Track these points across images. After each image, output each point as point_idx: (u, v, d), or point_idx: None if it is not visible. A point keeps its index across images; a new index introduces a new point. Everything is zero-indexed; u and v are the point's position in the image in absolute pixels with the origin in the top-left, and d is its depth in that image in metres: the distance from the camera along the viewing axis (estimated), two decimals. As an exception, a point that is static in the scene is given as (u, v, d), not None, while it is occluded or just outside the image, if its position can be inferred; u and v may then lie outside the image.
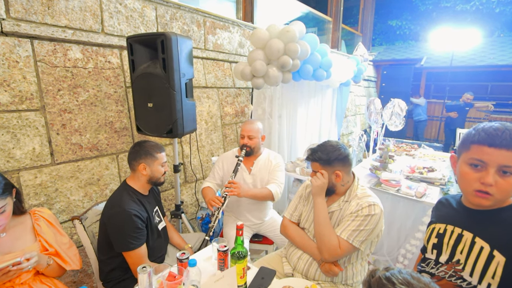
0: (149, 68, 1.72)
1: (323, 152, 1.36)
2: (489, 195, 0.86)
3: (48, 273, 1.23)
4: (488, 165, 0.86)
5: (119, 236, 1.37)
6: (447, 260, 0.98)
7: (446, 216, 1.04)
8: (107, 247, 1.42)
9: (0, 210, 1.08)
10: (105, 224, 1.40)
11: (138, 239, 1.39)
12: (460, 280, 0.93)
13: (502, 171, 0.84)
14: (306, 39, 2.60)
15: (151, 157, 1.52)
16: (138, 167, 1.51)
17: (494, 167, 0.85)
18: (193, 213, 2.71)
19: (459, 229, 0.96)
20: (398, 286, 0.64)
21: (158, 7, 2.32)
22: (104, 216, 1.43)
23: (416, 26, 10.80)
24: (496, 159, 0.84)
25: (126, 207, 1.38)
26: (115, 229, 1.38)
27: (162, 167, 1.58)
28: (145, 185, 1.57)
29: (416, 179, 2.64)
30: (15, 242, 1.16)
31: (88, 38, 1.89)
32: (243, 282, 1.13)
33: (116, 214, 1.38)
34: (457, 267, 0.94)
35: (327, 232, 1.30)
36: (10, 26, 1.57)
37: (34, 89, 1.70)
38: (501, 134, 0.84)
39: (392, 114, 3.56)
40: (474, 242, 0.90)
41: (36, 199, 1.72)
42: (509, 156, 0.83)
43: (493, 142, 0.84)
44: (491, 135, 0.85)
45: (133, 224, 1.38)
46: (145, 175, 1.53)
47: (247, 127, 1.96)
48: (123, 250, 1.38)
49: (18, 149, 1.64)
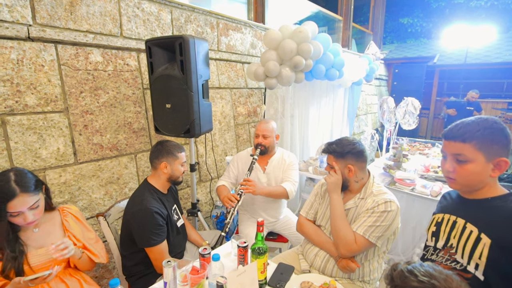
0: (167, 70, 1.77)
1: (338, 145, 1.40)
2: (453, 179, 1.02)
3: (80, 266, 1.29)
4: (447, 155, 1.03)
5: (142, 233, 1.42)
6: (443, 245, 1.08)
7: (446, 207, 1.15)
8: (130, 243, 1.48)
9: (34, 205, 1.15)
10: (128, 221, 1.46)
11: (159, 236, 1.44)
12: (454, 262, 1.02)
13: (457, 160, 0.99)
14: (318, 39, 2.61)
15: (172, 156, 1.58)
16: (159, 165, 1.56)
17: (450, 156, 1.02)
18: (208, 211, 2.76)
19: (454, 217, 1.06)
20: (420, 278, 0.65)
21: (173, 10, 2.37)
22: (128, 213, 1.49)
23: (428, 23, 10.61)
24: (450, 149, 1.01)
25: (148, 205, 1.44)
26: (137, 226, 1.43)
27: (181, 166, 1.64)
28: (164, 184, 1.62)
29: (431, 178, 2.62)
30: (47, 238, 1.22)
31: (108, 42, 1.96)
32: (263, 277, 1.16)
33: (138, 212, 1.43)
34: (451, 251, 1.04)
35: (343, 227, 1.32)
36: (36, 32, 1.65)
37: (58, 91, 1.77)
38: (454, 128, 1.01)
39: (405, 112, 3.53)
40: (465, 227, 1.00)
41: (60, 197, 1.79)
42: (458, 146, 0.98)
43: (447, 135, 1.02)
44: (448, 130, 1.02)
45: (155, 221, 1.43)
46: (166, 173, 1.58)
47: (261, 127, 1.99)
48: (145, 246, 1.43)
49: (44, 149, 1.72)
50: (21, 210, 1.11)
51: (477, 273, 0.94)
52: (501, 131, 0.94)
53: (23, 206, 1.11)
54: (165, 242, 1.48)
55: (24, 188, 1.11)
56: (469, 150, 0.96)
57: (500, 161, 0.94)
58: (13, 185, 1.10)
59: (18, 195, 1.10)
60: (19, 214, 1.11)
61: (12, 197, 1.09)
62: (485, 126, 0.94)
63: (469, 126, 0.97)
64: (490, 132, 0.94)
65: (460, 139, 0.98)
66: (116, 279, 0.91)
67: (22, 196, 1.11)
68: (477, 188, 1.01)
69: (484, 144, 0.94)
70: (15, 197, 1.09)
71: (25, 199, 1.11)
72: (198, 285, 1.05)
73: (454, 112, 5.51)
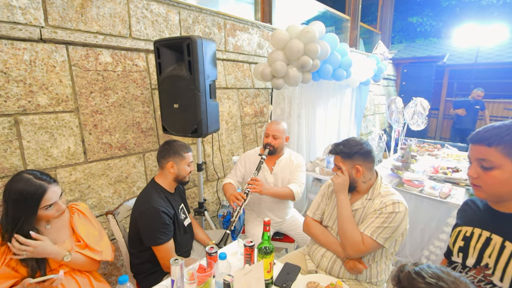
0: (175, 71, 1.79)
1: (345, 145, 1.39)
2: (478, 187, 0.94)
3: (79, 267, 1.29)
4: (472, 160, 0.96)
5: (149, 232, 1.44)
6: (475, 264, 0.97)
7: (473, 219, 1.04)
8: (138, 242, 1.50)
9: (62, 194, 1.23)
10: (136, 220, 1.48)
11: (166, 235, 1.45)
12: (490, 285, 0.92)
13: (481, 166, 0.92)
14: (326, 39, 2.60)
15: (179, 156, 1.59)
16: (166, 165, 1.58)
17: (475, 161, 0.94)
18: (214, 211, 2.78)
19: (487, 233, 0.96)
20: (428, 279, 0.65)
21: (181, 11, 2.40)
22: (135, 212, 1.51)
23: (438, 22, 10.46)
24: (474, 154, 0.94)
25: (155, 204, 1.46)
26: (145, 224, 1.45)
27: (188, 166, 1.64)
28: (171, 183, 1.63)
29: (440, 179, 2.59)
30: (58, 234, 1.25)
31: (117, 43, 1.99)
32: (270, 277, 1.16)
33: (146, 211, 1.45)
34: (486, 271, 0.93)
35: (350, 228, 1.31)
36: (48, 33, 1.69)
37: (69, 91, 1.81)
38: (481, 130, 0.93)
39: (414, 113, 3.49)
40: (504, 246, 0.89)
41: (71, 195, 1.83)
42: (483, 150, 0.90)
43: (472, 139, 0.95)
44: (475, 133, 0.95)
45: (161, 220, 1.44)
46: (172, 173, 1.59)
47: (272, 127, 2.00)
48: (152, 245, 1.45)
49: (55, 148, 1.76)
50: (56, 200, 1.18)
51: None
52: None
53: (56, 195, 1.19)
54: (172, 241, 1.49)
55: (48, 181, 1.19)
56: (494, 155, 0.88)
57: None
58: (38, 181, 1.15)
59: (48, 188, 1.16)
60: (53, 205, 1.18)
61: (45, 191, 1.15)
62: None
63: (498, 129, 0.89)
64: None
65: (485, 142, 0.89)
66: (125, 276, 0.93)
67: (51, 187, 1.18)
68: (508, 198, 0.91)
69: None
70: (47, 190, 1.16)
71: (55, 189, 1.19)
72: (205, 284, 1.06)
73: (463, 112, 5.31)
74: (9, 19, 1.56)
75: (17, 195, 1.12)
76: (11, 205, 1.13)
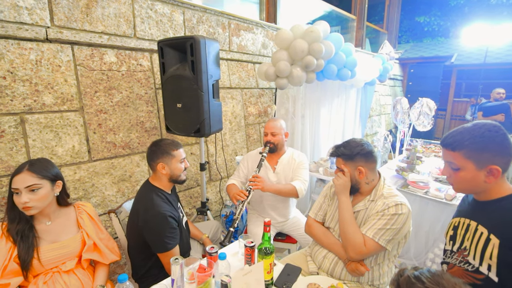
0: (178, 70, 1.80)
1: (346, 147, 1.37)
2: (452, 184, 1.08)
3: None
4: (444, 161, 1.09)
5: (158, 238, 1.37)
6: (458, 248, 1.09)
7: (462, 210, 1.16)
8: (143, 248, 1.45)
9: (32, 188, 1.15)
10: (141, 228, 1.40)
11: (174, 239, 1.41)
12: (466, 264, 1.03)
13: (451, 167, 1.04)
14: (330, 38, 2.58)
15: (167, 156, 1.49)
16: (157, 167, 1.48)
17: (446, 163, 1.08)
18: (217, 210, 2.78)
19: (468, 220, 1.07)
20: (427, 284, 0.64)
21: (185, 11, 2.40)
22: (140, 220, 1.41)
23: (446, 22, 10.31)
24: (444, 156, 1.07)
25: (161, 209, 1.39)
26: (152, 231, 1.38)
27: (181, 163, 1.54)
28: (167, 184, 1.55)
29: (446, 181, 2.54)
30: (60, 232, 1.26)
31: (122, 43, 2.01)
32: (270, 277, 1.16)
33: (152, 218, 1.38)
34: (464, 252, 1.04)
35: (351, 230, 1.30)
36: (54, 34, 1.71)
37: (74, 91, 1.83)
38: (447, 135, 1.04)
39: (420, 113, 3.44)
40: (476, 229, 1.01)
41: (75, 193, 1.85)
42: (449, 154, 1.03)
43: (441, 142, 1.07)
44: (443, 137, 1.06)
45: (169, 225, 1.39)
46: (165, 174, 1.50)
47: (270, 125, 2.00)
48: (161, 251, 1.40)
49: (60, 147, 1.78)
50: (19, 188, 1.13)
51: (490, 275, 0.94)
52: (493, 139, 0.94)
53: (21, 183, 1.14)
54: (178, 245, 1.45)
55: (31, 168, 1.17)
56: (458, 158, 1.00)
57: (492, 169, 0.95)
58: (25, 164, 1.17)
59: (22, 172, 1.15)
60: (18, 193, 1.14)
61: (17, 173, 1.15)
62: (475, 135, 0.96)
63: (460, 134, 1.00)
64: (481, 141, 0.95)
65: (450, 147, 1.02)
66: (124, 275, 0.93)
67: (24, 174, 1.15)
68: (480, 191, 1.03)
69: (473, 153, 0.97)
70: (19, 173, 1.15)
71: (25, 177, 1.15)
72: (205, 283, 1.06)
73: (503, 117, 4.50)
74: (16, 20, 1.58)
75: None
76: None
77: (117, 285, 0.92)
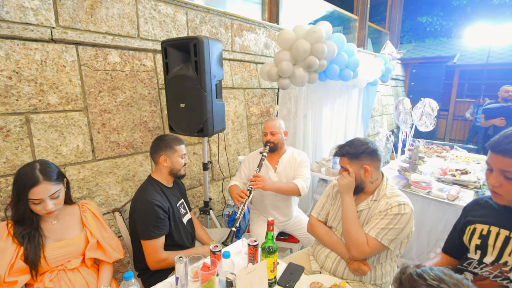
0: (182, 71, 1.81)
1: (351, 146, 1.38)
2: (499, 194, 0.95)
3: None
4: (493, 168, 0.95)
5: (143, 225, 1.44)
6: (493, 261, 0.98)
7: (488, 217, 1.04)
8: (137, 238, 1.50)
9: (55, 195, 1.20)
10: (132, 214, 1.49)
11: (159, 229, 1.45)
12: (506, 280, 0.94)
13: (505, 176, 0.92)
14: (332, 39, 2.59)
15: (170, 149, 1.59)
16: (159, 159, 1.59)
17: (497, 171, 0.94)
18: (220, 210, 2.79)
19: (506, 232, 0.97)
20: (430, 281, 0.64)
21: (188, 12, 2.42)
22: (132, 208, 1.52)
23: (449, 22, 10.29)
24: (497, 164, 0.93)
25: (149, 197, 1.47)
26: (139, 218, 1.45)
27: (181, 159, 1.64)
28: (167, 177, 1.64)
29: (448, 181, 2.55)
30: (65, 231, 1.28)
31: (125, 43, 2.02)
32: (273, 276, 1.17)
33: (141, 204, 1.46)
34: (504, 268, 0.95)
35: (354, 229, 1.31)
36: (58, 34, 1.72)
37: (79, 91, 1.84)
38: (503, 140, 0.91)
39: (422, 114, 3.44)
40: None
41: (79, 192, 1.86)
42: (506, 161, 0.90)
43: (494, 148, 0.93)
44: (495, 142, 0.93)
45: (155, 214, 1.44)
46: (166, 166, 1.60)
47: (269, 124, 2.01)
48: (145, 239, 1.44)
49: (64, 146, 1.79)
50: (43, 198, 1.16)
51: None
52: None
53: (44, 193, 1.17)
54: (163, 238, 1.48)
55: (47, 177, 1.18)
56: None
57: None
58: (37, 173, 1.16)
59: (41, 183, 1.16)
60: (41, 202, 1.17)
61: (35, 184, 1.15)
62: None
63: None
64: None
65: (509, 154, 0.89)
66: (130, 272, 0.94)
67: (44, 184, 1.17)
68: None
69: None
70: (38, 184, 1.15)
71: (47, 187, 1.17)
72: (208, 282, 1.07)
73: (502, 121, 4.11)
74: (22, 20, 1.60)
75: (16, 176, 1.17)
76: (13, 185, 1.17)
77: (123, 282, 0.93)
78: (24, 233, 1.17)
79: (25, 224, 1.18)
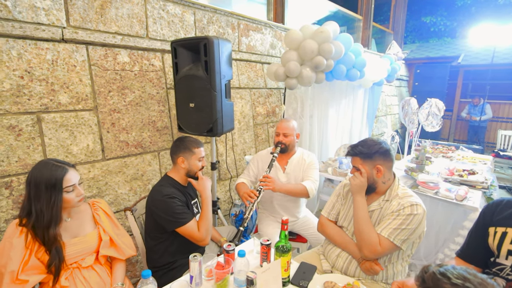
0: (191, 70, 1.81)
1: (364, 146, 1.38)
2: None
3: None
4: None
5: (168, 217, 1.46)
6: None
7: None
8: (156, 232, 1.53)
9: (80, 181, 1.24)
10: (152, 211, 1.50)
11: (186, 214, 1.48)
12: None
13: None
14: (340, 39, 2.59)
15: (189, 152, 1.61)
16: (177, 160, 1.61)
17: None
18: (227, 210, 2.80)
19: None
20: (454, 280, 0.64)
21: (196, 12, 2.42)
22: (149, 203, 1.53)
23: (453, 22, 10.24)
24: None
25: (165, 192, 1.50)
26: (162, 212, 1.47)
27: (199, 162, 1.65)
28: (184, 177, 1.66)
29: (456, 181, 2.54)
30: (79, 228, 1.28)
31: (134, 43, 2.03)
32: (286, 275, 1.17)
33: (160, 200, 1.48)
34: None
35: (366, 229, 1.31)
36: (69, 34, 1.73)
37: (89, 90, 1.85)
38: None
39: (429, 114, 3.43)
40: None
41: (89, 191, 1.87)
42: None
43: None
44: None
45: (175, 204, 1.47)
46: (184, 168, 1.62)
47: (282, 125, 2.00)
48: (177, 227, 1.46)
49: (75, 146, 1.80)
50: (75, 183, 1.21)
51: None
52: None
53: (75, 178, 1.22)
54: (194, 222, 1.50)
55: (68, 165, 1.23)
56: None
57: None
58: (59, 164, 1.20)
59: (69, 169, 1.20)
60: (74, 189, 1.21)
61: (66, 172, 1.19)
62: None
63: None
64: None
65: None
66: (148, 271, 0.95)
67: (72, 170, 1.21)
68: None
69: None
70: (68, 171, 1.19)
71: (74, 173, 1.22)
72: (223, 280, 1.08)
73: None
74: (33, 20, 1.61)
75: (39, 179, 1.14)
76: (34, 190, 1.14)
77: (141, 281, 0.94)
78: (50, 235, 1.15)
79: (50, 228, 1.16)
